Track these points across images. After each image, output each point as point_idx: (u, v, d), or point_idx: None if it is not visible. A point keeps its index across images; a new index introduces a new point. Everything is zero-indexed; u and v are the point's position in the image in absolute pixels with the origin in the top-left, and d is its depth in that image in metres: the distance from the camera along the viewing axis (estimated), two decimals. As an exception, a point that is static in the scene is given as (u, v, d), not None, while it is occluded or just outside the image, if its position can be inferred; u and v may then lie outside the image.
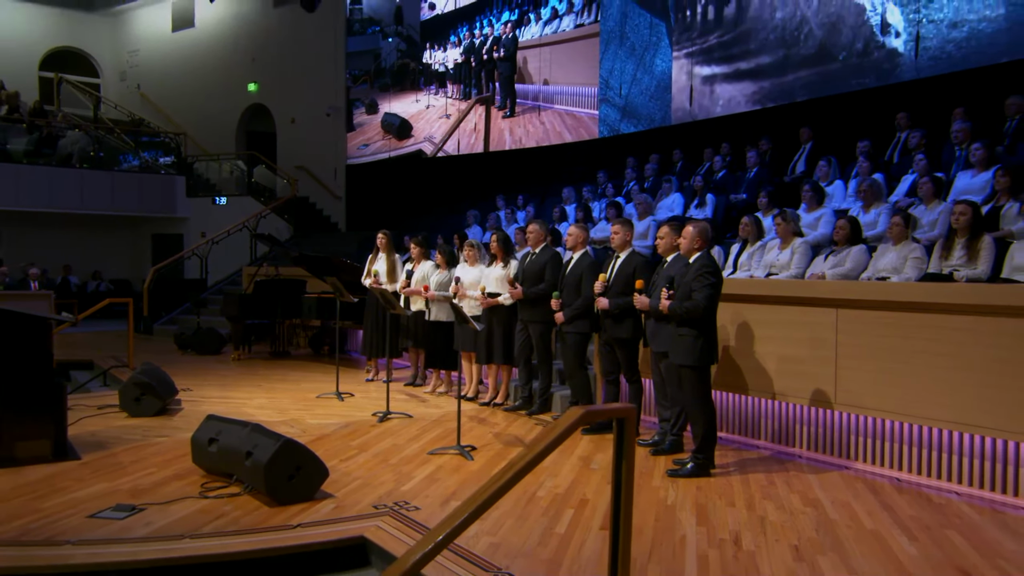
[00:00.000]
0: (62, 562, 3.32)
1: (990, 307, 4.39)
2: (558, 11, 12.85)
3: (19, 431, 4.83)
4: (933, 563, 3.29)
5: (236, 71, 18.18)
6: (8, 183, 14.14)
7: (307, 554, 3.51)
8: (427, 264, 7.70)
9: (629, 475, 2.39)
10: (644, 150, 11.04)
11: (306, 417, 6.34)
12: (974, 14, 8.29)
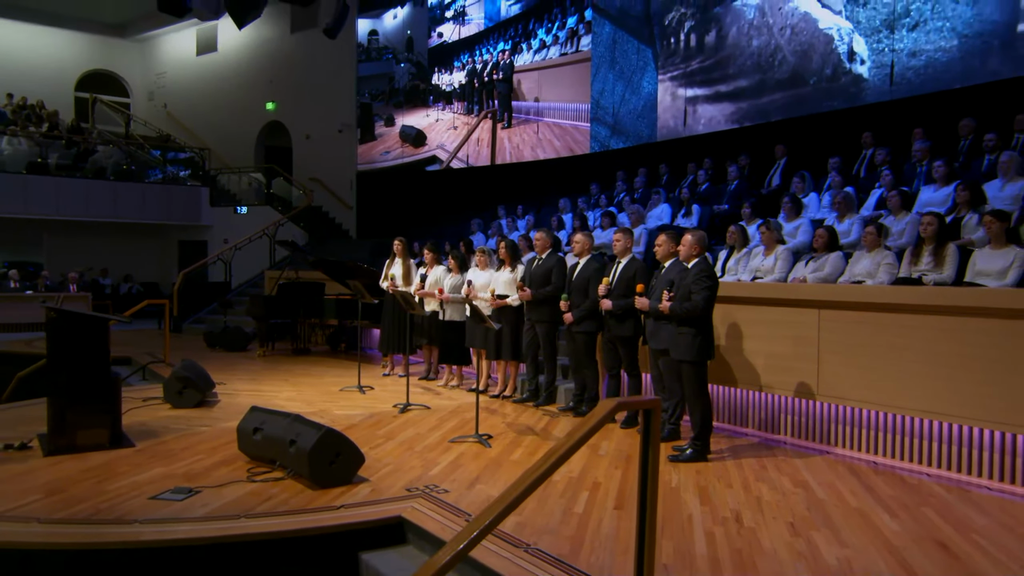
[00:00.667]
0: (132, 539, 3.35)
1: (956, 308, 4.47)
2: (546, 42, 13.12)
3: (80, 421, 4.84)
4: (914, 537, 3.37)
5: (255, 91, 18.13)
6: (49, 194, 14.08)
7: (350, 533, 3.54)
8: (439, 268, 7.71)
9: (655, 459, 2.44)
10: (632, 164, 11.06)
11: (333, 409, 6.32)
12: (931, 45, 8.38)
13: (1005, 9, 7.82)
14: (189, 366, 6.63)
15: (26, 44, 18.19)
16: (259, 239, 15.24)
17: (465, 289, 6.96)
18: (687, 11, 10.97)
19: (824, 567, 2.98)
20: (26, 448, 4.81)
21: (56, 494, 3.89)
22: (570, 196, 10.97)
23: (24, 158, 14.17)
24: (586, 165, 12.36)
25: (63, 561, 3.29)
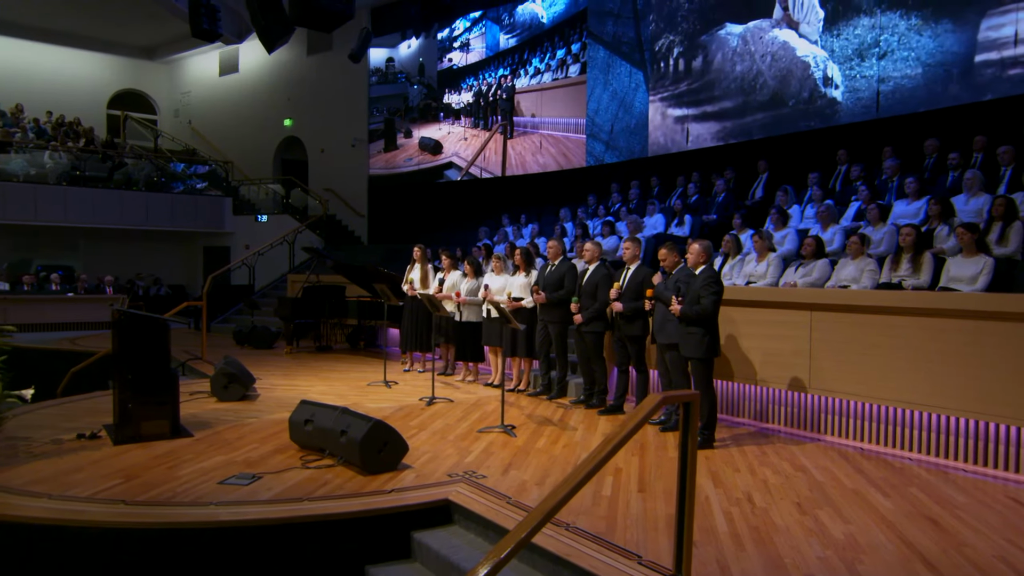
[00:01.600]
0: (210, 519, 3.41)
1: (933, 310, 4.59)
2: (540, 69, 13.40)
3: (144, 413, 4.89)
4: (906, 513, 3.49)
5: (273, 109, 18.09)
6: (87, 204, 14.08)
7: (402, 514, 3.58)
8: (456, 273, 7.76)
9: (693, 447, 2.53)
10: (626, 177, 11.16)
11: (365, 402, 6.35)
12: (897, 72, 8.53)
13: (963, 42, 7.98)
14: (232, 363, 6.67)
15: (64, 66, 18.09)
16: (279, 245, 15.32)
17: (482, 292, 7.04)
18: (676, 38, 11.09)
19: (833, 541, 3.09)
20: (96, 438, 4.86)
21: (133, 479, 3.94)
22: (569, 206, 11.07)
23: (64, 171, 14.11)
24: (583, 178, 12.42)
25: (149, 540, 3.35)
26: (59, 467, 4.17)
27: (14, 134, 14.37)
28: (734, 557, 2.88)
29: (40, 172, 13.64)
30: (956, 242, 5.15)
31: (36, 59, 17.65)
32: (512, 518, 3.36)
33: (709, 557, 2.86)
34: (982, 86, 7.83)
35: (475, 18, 14.25)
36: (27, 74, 17.43)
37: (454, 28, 14.62)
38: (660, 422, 5.25)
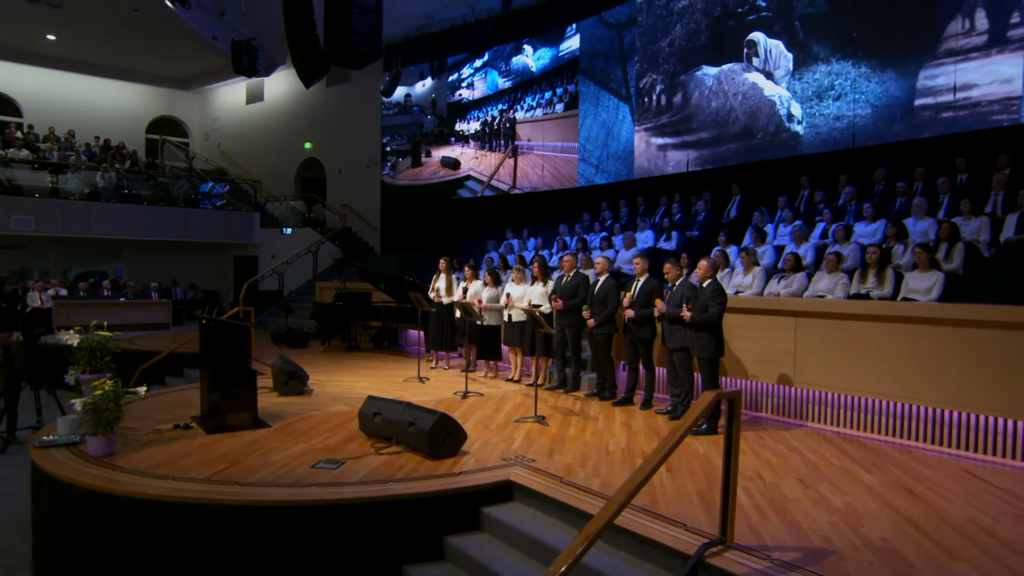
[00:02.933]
0: (314, 497, 3.55)
1: (896, 316, 4.87)
2: (532, 106, 13.82)
3: (230, 406, 4.99)
4: (888, 486, 3.77)
5: (295, 133, 18.10)
6: (133, 218, 14.04)
7: (472, 493, 3.76)
8: (477, 283, 7.93)
9: (737, 437, 2.78)
10: (614, 196, 11.37)
11: (405, 396, 6.28)
12: (850, 111, 8.91)
13: (904, 88, 8.37)
14: (288, 362, 6.74)
15: (109, 96, 18.00)
16: (304, 255, 15.38)
17: (504, 299, 7.24)
18: (658, 77, 11.41)
19: (836, 509, 3.36)
20: (189, 428, 4.96)
21: (236, 464, 4.07)
22: (567, 222, 11.27)
23: (113, 189, 14.05)
24: (577, 196, 12.66)
25: (263, 516, 3.50)
26: (170, 453, 4.30)
27: (69, 157, 14.25)
28: (761, 524, 3.14)
29: (93, 191, 13.55)
30: (911, 259, 5.49)
31: (86, 90, 17.52)
32: (568, 495, 3.56)
33: (741, 525, 3.10)
34: (920, 126, 8.24)
35: (477, 66, 14.76)
36: (78, 103, 17.30)
37: (461, 72, 15.05)
38: (667, 412, 5.50)
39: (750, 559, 2.73)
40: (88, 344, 4.88)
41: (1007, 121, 7.51)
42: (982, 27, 7.67)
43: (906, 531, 3.10)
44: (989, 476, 4.06)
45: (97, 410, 4.22)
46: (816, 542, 2.94)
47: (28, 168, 13.05)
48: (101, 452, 4.25)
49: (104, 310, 12.34)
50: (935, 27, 8.04)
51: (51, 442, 4.48)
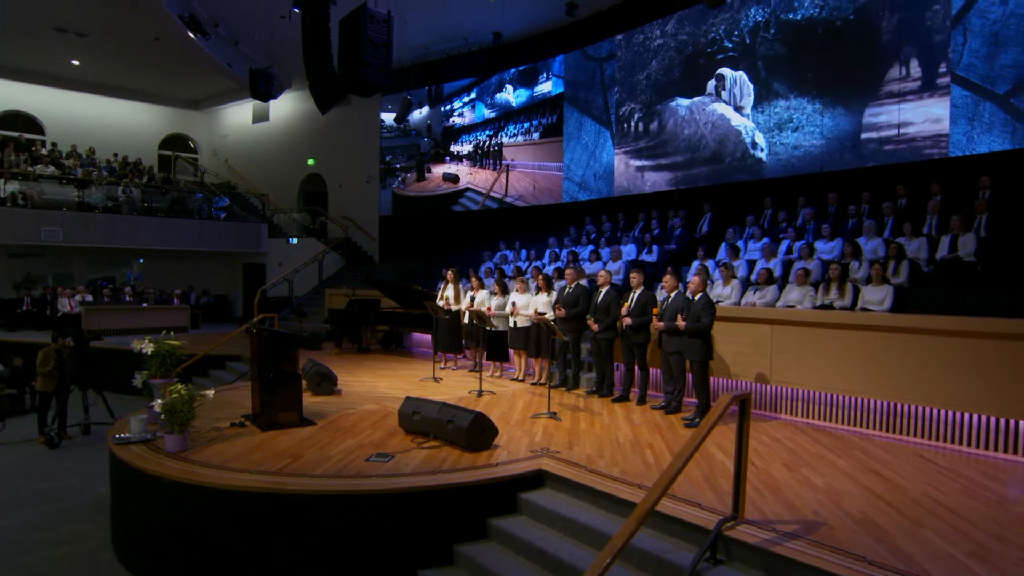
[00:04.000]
0: (376, 487, 3.75)
1: (855, 324, 5.25)
2: (514, 133, 14.21)
3: (280, 405, 5.12)
4: (857, 468, 4.14)
5: (298, 150, 18.04)
6: (152, 230, 13.95)
7: (510, 480, 3.99)
8: (483, 292, 8.16)
9: (747, 430, 3.11)
10: (597, 212, 11.71)
11: (426, 395, 6.41)
12: (806, 142, 9.40)
13: (852, 123, 8.88)
14: (319, 364, 6.82)
15: (125, 115, 17.74)
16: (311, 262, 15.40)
17: (510, 308, 7.49)
18: (636, 106, 11.80)
19: (819, 488, 3.72)
20: (243, 426, 5.07)
21: (299, 458, 4.24)
22: (554, 234, 11.50)
23: (133, 202, 13.90)
24: (562, 211, 12.94)
25: (333, 504, 3.70)
26: (236, 449, 4.45)
27: (92, 173, 14.04)
28: (762, 502, 3.47)
29: (115, 204, 13.38)
30: (867, 273, 5.93)
31: (104, 110, 17.25)
32: (595, 481, 3.83)
33: (746, 503, 3.44)
34: (866, 156, 8.77)
35: (466, 100, 15.16)
36: (97, 122, 17.05)
37: (453, 104, 15.35)
38: (662, 407, 5.82)
39: (759, 531, 3.06)
40: (160, 351, 4.99)
41: (937, 155, 8.08)
42: (916, 75, 8.23)
43: (878, 505, 3.47)
44: (936, 458, 4.48)
45: (173, 411, 4.37)
46: (808, 516, 3.29)
47: (55, 183, 12.84)
48: (177, 448, 4.40)
49: (129, 315, 12.27)
50: (878, 73, 8.58)
51: (127, 439, 4.60)
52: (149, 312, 12.64)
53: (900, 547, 2.92)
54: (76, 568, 4.33)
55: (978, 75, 7.73)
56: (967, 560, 2.81)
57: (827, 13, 9.07)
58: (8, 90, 15.70)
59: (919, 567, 2.73)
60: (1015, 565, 2.77)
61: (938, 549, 2.92)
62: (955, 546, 2.95)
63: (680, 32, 11.00)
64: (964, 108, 7.84)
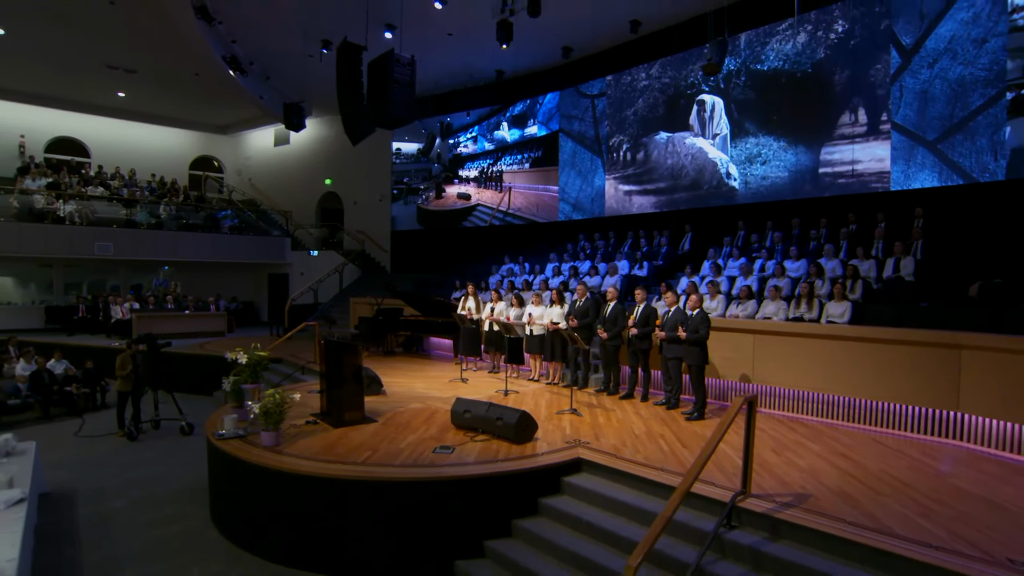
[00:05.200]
0: (450, 474, 4.16)
1: (821, 334, 5.82)
2: (510, 162, 14.74)
3: (347, 405, 5.46)
4: (828, 452, 4.72)
5: (316, 171, 18.30)
6: (189, 243, 14.12)
7: (554, 467, 4.42)
8: (502, 303, 8.61)
9: (753, 424, 3.66)
10: (590, 230, 12.24)
11: (460, 394, 6.78)
12: (773, 173, 10.07)
13: (812, 159, 9.55)
14: (366, 368, 7.13)
15: (160, 138, 17.84)
16: (333, 273, 15.70)
17: (527, 318, 7.97)
18: (624, 138, 12.39)
19: (803, 468, 4.29)
20: (316, 423, 5.40)
21: (377, 450, 4.63)
22: (552, 249, 11.96)
23: (174, 220, 14.08)
24: (558, 229, 13.45)
25: (417, 488, 4.13)
26: (319, 443, 4.82)
27: (136, 192, 14.18)
28: (762, 480, 4.02)
29: (157, 221, 13.55)
30: (828, 291, 6.56)
31: (141, 134, 17.36)
32: (626, 466, 4.30)
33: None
34: (824, 187, 9.46)
35: (470, 136, 15.65)
36: (135, 145, 17.16)
37: (459, 136, 15.79)
38: (664, 403, 6.35)
39: (764, 503, 3.62)
40: (252, 361, 5.38)
41: (881, 188, 8.80)
42: (863, 121, 8.95)
43: (849, 480, 4.06)
44: (888, 442, 5.10)
45: (268, 413, 4.78)
46: (797, 490, 3.86)
47: (104, 203, 12.97)
48: (271, 444, 4.80)
49: (175, 321, 12.46)
50: (832, 118, 9.28)
51: (225, 436, 4.98)
52: (192, 318, 12.84)
53: (868, 511, 3.51)
54: (190, 542, 4.71)
55: (912, 124, 8.48)
56: (917, 518, 3.40)
57: (789, 66, 9.76)
58: (61, 119, 15.79)
59: (883, 524, 3.31)
60: (951, 520, 3.37)
61: (895, 511, 3.50)
62: (907, 508, 3.55)
63: (663, 75, 11.62)
64: (901, 151, 8.58)
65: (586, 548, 3.85)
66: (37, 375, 8.59)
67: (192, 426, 7.84)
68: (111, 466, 6.49)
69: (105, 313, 12.48)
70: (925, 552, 2.97)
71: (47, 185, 12.91)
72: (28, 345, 9.63)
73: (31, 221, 11.88)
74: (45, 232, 11.94)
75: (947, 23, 8.16)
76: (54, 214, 12.23)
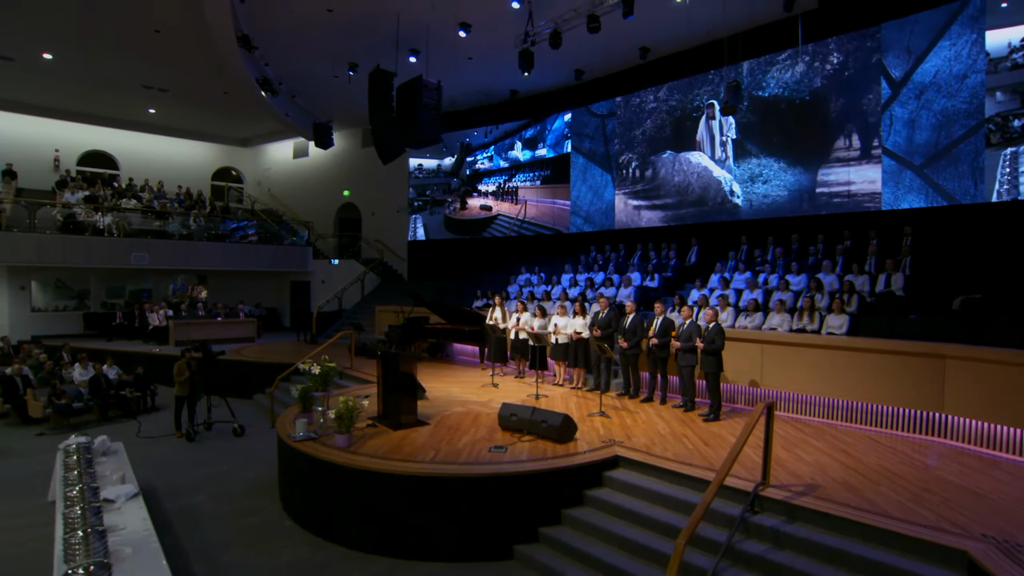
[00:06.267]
0: (509, 470, 4.70)
1: (822, 344, 6.43)
2: (525, 179, 15.28)
3: (404, 410, 5.99)
4: (831, 448, 5.34)
5: (334, 182, 18.79)
6: (218, 253, 14.60)
7: (595, 463, 4.98)
8: (527, 314, 9.16)
9: (771, 424, 4.28)
10: (600, 242, 12.80)
11: (497, 398, 7.38)
12: (774, 192, 10.70)
13: (809, 180, 10.16)
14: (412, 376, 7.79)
15: (184, 151, 18.38)
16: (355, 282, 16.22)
17: (552, 328, 8.56)
18: (633, 156, 13.00)
19: (810, 463, 4.91)
20: (375, 426, 5.91)
21: (438, 451, 5.16)
22: (566, 260, 12.47)
23: (203, 231, 14.60)
24: (571, 240, 13.96)
25: (482, 483, 4.70)
26: (386, 444, 5.34)
27: (167, 205, 14.71)
28: (777, 473, 4.64)
29: (188, 232, 14.08)
30: (828, 304, 7.21)
31: (167, 147, 17.90)
32: (659, 462, 4.90)
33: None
34: (820, 205, 10.12)
35: (487, 155, 16.18)
36: (161, 157, 17.71)
37: (477, 155, 16.34)
38: (681, 406, 6.97)
39: (781, 492, 4.25)
40: (323, 372, 5.96)
41: (873, 208, 9.48)
42: (856, 146, 9.63)
43: (850, 472, 4.70)
44: (882, 440, 5.74)
45: (341, 417, 5.36)
46: (807, 481, 4.49)
47: (138, 215, 13.50)
48: (345, 445, 5.37)
49: (208, 327, 12.99)
50: (828, 142, 9.96)
51: (299, 438, 5.54)
52: (223, 325, 13.37)
53: (868, 497, 4.14)
54: (272, 531, 5.25)
55: (901, 150, 9.16)
56: (909, 503, 4.04)
57: (789, 93, 10.43)
58: (92, 133, 16.29)
59: (882, 508, 3.94)
60: (938, 505, 4.01)
61: (891, 498, 4.14)
62: (901, 495, 4.19)
63: (670, 98, 12.26)
64: (891, 174, 9.26)
65: (629, 532, 4.46)
66: (95, 380, 9.12)
67: (243, 428, 8.38)
68: (180, 465, 7.02)
69: (142, 320, 12.99)
70: (917, 529, 3.60)
71: (84, 198, 13.41)
72: (82, 351, 10.16)
73: (73, 233, 12.38)
74: (87, 244, 12.45)
75: (932, 59, 8.85)
76: (94, 226, 12.74)
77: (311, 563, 4.66)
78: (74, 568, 3.17)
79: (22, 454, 7.45)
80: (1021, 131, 7.97)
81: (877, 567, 3.50)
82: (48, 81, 13.32)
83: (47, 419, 8.60)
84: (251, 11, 10.21)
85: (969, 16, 8.50)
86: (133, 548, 3.68)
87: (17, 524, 5.34)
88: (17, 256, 11.71)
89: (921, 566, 3.41)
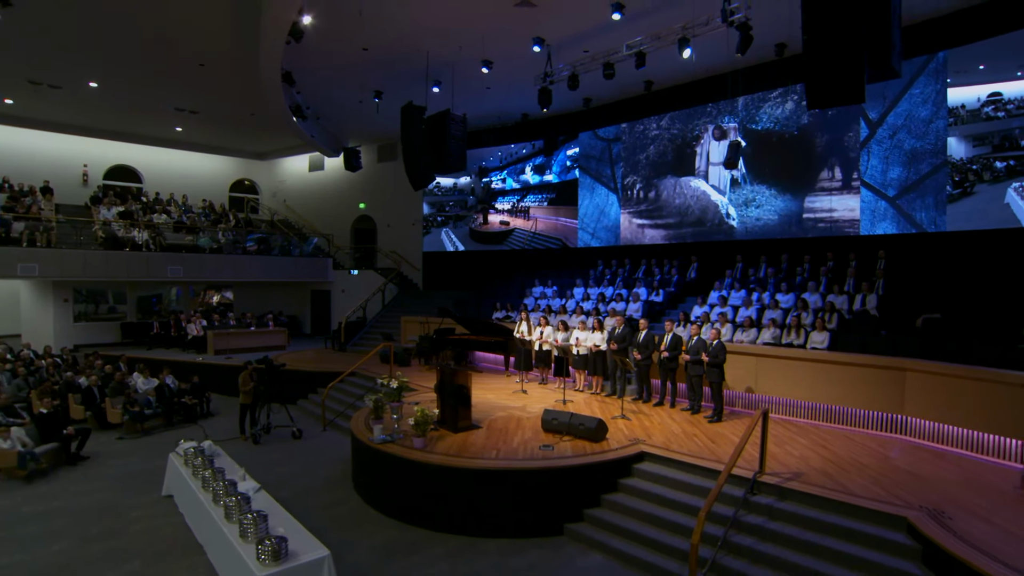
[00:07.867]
0: (560, 464, 5.87)
1: (807, 358, 7.72)
2: (534, 200, 16.40)
3: (461, 415, 7.06)
4: (815, 445, 6.68)
5: (350, 195, 19.66)
6: (245, 265, 15.62)
7: (626, 458, 6.19)
8: (549, 328, 10.42)
9: (765, 424, 5.62)
10: (607, 257, 13.97)
11: (530, 404, 8.43)
12: (765, 216, 12.08)
13: (797, 206, 11.55)
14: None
15: (204, 164, 19.34)
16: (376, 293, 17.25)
17: (574, 340, 9.83)
18: (637, 178, 14.29)
19: (798, 457, 6.26)
20: (436, 430, 7.11)
21: (499, 450, 6.34)
22: (575, 275, 13.62)
23: (232, 244, 15.61)
24: (579, 255, 15.17)
25: (539, 475, 5.92)
26: (454, 445, 6.50)
27: (193, 218, 15.71)
28: (772, 464, 5.99)
29: (218, 245, 15.12)
30: (812, 321, 8.59)
31: (188, 161, 18.87)
32: (679, 456, 6.21)
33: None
34: (807, 229, 11.53)
35: (501, 177, 17.30)
36: (181, 171, 18.67)
37: (492, 175, 17.45)
38: (688, 409, 8.29)
39: (776, 478, 5.59)
40: (400, 386, 7.16)
41: (852, 233, 10.91)
42: (839, 177, 11.05)
43: (827, 463, 6.05)
44: (855, 437, 7.10)
45: (418, 424, 6.59)
46: (794, 470, 5.84)
47: (170, 229, 14.50)
48: (421, 446, 6.58)
49: (242, 336, 14.07)
50: (814, 173, 11.36)
51: (379, 440, 6.74)
52: (256, 334, 14.44)
53: (840, 481, 5.50)
54: (358, 518, 6.35)
55: (877, 182, 10.60)
56: (869, 484, 5.40)
57: (780, 127, 11.82)
58: (119, 149, 17.17)
59: (850, 489, 5.30)
60: (890, 485, 5.38)
61: (857, 481, 5.50)
62: (864, 479, 5.55)
63: (672, 127, 13.58)
64: (868, 203, 10.70)
65: (655, 510, 5.77)
66: (160, 388, 10.22)
67: (301, 431, 9.55)
68: (255, 465, 7.99)
69: (178, 329, 14.03)
70: (872, 503, 4.97)
71: (119, 214, 14.39)
72: (138, 362, 11.23)
73: (113, 248, 13.37)
74: (127, 259, 13.45)
75: (903, 103, 10.29)
76: (132, 241, 13.74)
77: (403, 540, 5.88)
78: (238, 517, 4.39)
79: (117, 455, 8.56)
80: (1005, 170, 9.38)
81: (844, 531, 4.86)
82: (86, 105, 14.25)
83: (121, 424, 9.69)
84: (295, 50, 11.32)
85: (934, 69, 9.95)
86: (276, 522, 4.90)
87: (145, 515, 6.48)
88: (65, 272, 12.69)
89: (874, 528, 4.78)
